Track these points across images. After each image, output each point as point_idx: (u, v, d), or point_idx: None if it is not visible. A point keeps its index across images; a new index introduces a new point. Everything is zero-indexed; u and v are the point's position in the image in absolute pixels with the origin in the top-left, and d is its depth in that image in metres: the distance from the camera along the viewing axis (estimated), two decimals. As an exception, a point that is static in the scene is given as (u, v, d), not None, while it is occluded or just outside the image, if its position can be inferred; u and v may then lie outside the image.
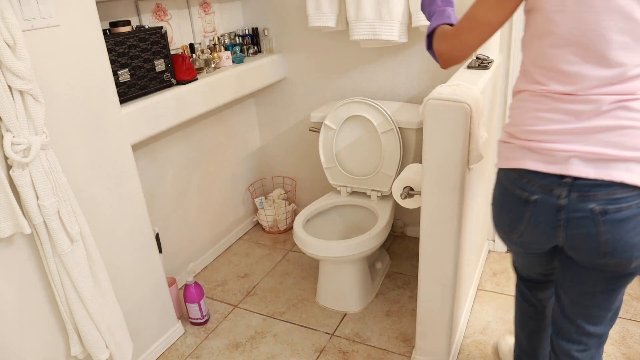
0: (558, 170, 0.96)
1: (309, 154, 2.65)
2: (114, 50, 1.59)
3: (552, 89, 0.97)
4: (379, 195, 2.14)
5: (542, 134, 0.99)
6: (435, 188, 1.40)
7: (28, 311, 1.35)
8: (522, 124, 1.03)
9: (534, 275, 1.32)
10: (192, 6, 2.15)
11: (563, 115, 0.96)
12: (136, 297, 1.73)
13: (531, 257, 1.23)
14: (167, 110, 1.79)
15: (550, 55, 0.97)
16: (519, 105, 1.05)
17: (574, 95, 0.95)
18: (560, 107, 0.96)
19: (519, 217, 1.05)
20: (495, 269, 2.25)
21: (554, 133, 0.97)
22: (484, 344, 1.82)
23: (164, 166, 2.08)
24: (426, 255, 1.51)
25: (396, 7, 1.92)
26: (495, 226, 1.16)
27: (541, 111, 0.99)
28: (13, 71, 1.12)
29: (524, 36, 1.07)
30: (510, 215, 1.08)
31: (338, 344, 1.88)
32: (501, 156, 1.10)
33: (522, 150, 1.02)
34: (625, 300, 1.98)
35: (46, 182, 1.24)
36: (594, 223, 0.95)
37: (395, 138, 2.01)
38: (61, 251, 1.30)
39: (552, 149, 0.97)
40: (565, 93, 0.96)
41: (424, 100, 1.34)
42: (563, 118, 0.96)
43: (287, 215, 2.68)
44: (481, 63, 1.73)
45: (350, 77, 2.35)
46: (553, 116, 0.97)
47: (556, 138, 0.97)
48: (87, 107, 1.44)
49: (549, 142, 0.98)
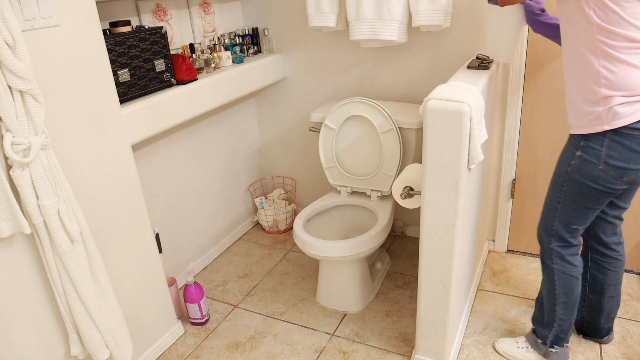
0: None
1: (309, 154, 2.65)
2: (114, 50, 1.59)
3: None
4: (379, 195, 2.14)
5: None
6: (435, 188, 1.40)
7: (28, 311, 1.35)
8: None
9: (583, 227, 1.48)
10: (192, 6, 2.15)
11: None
12: (136, 297, 1.73)
13: (608, 198, 1.39)
14: (167, 110, 1.79)
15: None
16: (621, 68, 1.20)
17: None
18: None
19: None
20: (495, 269, 2.25)
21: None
22: (484, 344, 1.82)
23: (164, 166, 2.08)
24: (426, 255, 1.51)
25: (396, 7, 1.92)
26: (620, 176, 1.30)
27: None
28: (13, 71, 1.12)
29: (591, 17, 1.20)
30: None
31: (338, 344, 1.88)
32: (623, 115, 1.22)
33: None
34: (625, 300, 1.98)
35: (46, 182, 1.24)
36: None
37: (395, 138, 2.01)
38: (61, 251, 1.30)
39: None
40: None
41: (424, 100, 1.34)
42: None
43: (287, 215, 2.68)
44: (481, 63, 1.73)
45: (350, 77, 2.35)
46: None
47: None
48: (87, 107, 1.44)
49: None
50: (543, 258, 1.58)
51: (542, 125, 2.06)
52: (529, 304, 2.01)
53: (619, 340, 1.78)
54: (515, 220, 2.29)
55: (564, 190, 1.42)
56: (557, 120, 2.02)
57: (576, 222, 1.46)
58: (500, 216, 2.29)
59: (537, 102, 2.03)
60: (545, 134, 2.06)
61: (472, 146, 1.33)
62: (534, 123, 2.07)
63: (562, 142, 2.04)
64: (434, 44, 2.10)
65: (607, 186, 1.33)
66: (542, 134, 2.07)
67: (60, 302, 1.38)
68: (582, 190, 1.38)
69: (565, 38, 1.31)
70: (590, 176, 1.33)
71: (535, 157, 2.13)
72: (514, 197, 2.24)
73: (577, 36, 1.26)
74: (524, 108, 2.06)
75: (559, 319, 1.59)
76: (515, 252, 2.36)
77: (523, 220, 2.27)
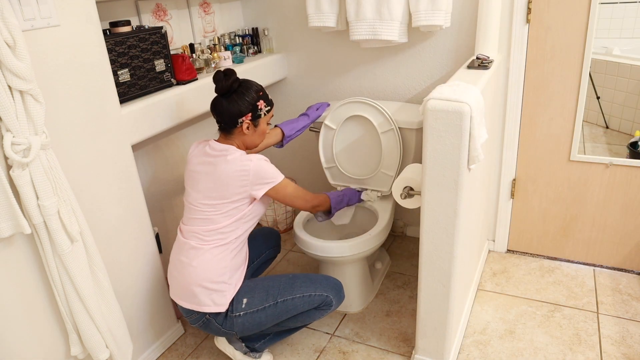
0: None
1: (309, 154, 2.65)
2: (114, 50, 1.59)
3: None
4: (379, 195, 2.14)
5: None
6: (435, 188, 1.40)
7: (28, 311, 1.35)
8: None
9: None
10: (192, 6, 2.15)
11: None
12: (136, 297, 1.73)
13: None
14: (167, 110, 1.79)
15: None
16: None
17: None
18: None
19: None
20: (495, 269, 2.25)
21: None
22: (484, 344, 1.82)
23: (164, 166, 2.08)
24: (426, 255, 1.51)
25: (396, 7, 1.92)
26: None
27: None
28: (13, 71, 1.12)
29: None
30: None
31: (338, 344, 1.88)
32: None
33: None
34: (625, 300, 1.98)
35: (46, 182, 1.24)
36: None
37: (395, 138, 2.01)
38: (61, 251, 1.30)
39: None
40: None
41: (424, 100, 1.34)
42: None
43: (287, 215, 2.68)
44: (481, 63, 1.73)
45: (350, 77, 2.35)
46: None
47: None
48: (87, 107, 1.44)
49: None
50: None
51: (542, 125, 2.06)
52: (529, 304, 2.01)
53: (619, 340, 1.78)
54: (515, 220, 2.29)
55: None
56: (557, 120, 2.02)
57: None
58: (500, 216, 2.29)
59: (537, 102, 2.03)
60: (545, 134, 2.06)
61: (472, 146, 1.33)
62: (534, 123, 2.07)
63: (562, 142, 2.05)
64: (434, 44, 2.10)
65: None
66: (542, 134, 2.07)
67: (60, 302, 1.38)
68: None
69: None
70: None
71: (535, 157, 2.13)
72: (514, 197, 2.24)
73: None
74: (524, 108, 2.06)
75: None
76: (515, 252, 2.36)
77: (523, 220, 2.27)
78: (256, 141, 1.64)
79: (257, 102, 1.56)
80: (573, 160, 2.06)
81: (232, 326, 1.58)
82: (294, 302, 1.59)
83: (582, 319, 1.91)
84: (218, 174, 1.52)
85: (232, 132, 1.58)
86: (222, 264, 1.56)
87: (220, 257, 1.56)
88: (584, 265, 2.23)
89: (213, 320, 1.58)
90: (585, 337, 1.81)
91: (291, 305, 1.59)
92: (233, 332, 1.61)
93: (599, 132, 2.04)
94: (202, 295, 1.55)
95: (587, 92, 1.94)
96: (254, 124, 1.58)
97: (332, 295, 1.63)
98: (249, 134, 1.60)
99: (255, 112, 1.57)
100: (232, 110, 1.54)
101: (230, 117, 1.54)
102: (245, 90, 1.55)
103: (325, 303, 1.63)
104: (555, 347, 1.78)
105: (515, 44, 1.95)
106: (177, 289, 1.61)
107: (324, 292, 1.62)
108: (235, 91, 1.55)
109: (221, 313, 1.58)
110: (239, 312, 1.57)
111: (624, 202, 2.04)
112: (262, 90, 1.61)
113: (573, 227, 2.19)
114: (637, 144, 1.98)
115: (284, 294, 1.59)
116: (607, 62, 1.96)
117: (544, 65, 1.96)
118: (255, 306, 1.58)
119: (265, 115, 1.61)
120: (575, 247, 2.22)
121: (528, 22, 1.91)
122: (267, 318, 1.59)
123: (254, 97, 1.56)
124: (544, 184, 2.15)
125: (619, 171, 2.00)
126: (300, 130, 2.03)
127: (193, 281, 1.55)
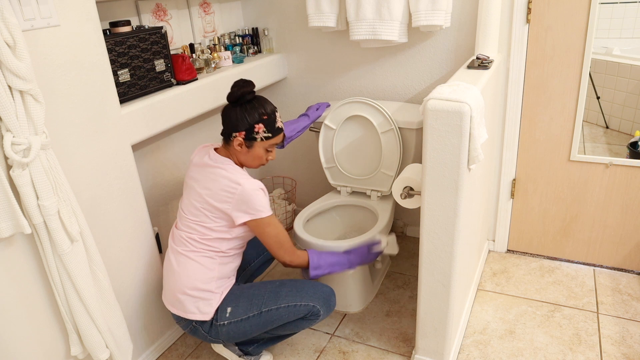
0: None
1: (309, 154, 2.65)
2: (114, 50, 1.59)
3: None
4: (379, 195, 2.14)
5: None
6: (435, 188, 1.40)
7: (28, 311, 1.35)
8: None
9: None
10: (192, 6, 2.15)
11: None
12: (136, 297, 1.73)
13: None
14: (167, 110, 1.79)
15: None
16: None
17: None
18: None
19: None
20: (495, 269, 2.25)
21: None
22: (484, 344, 1.82)
23: (164, 166, 2.08)
24: (426, 255, 1.51)
25: (396, 7, 1.92)
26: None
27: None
28: (13, 71, 1.12)
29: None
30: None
31: (338, 344, 1.88)
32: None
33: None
34: (625, 300, 1.98)
35: (46, 182, 1.24)
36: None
37: (395, 138, 2.01)
38: (61, 251, 1.30)
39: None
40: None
41: (424, 100, 1.34)
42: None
43: (287, 215, 2.68)
44: (481, 63, 1.73)
45: (350, 77, 2.35)
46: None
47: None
48: (87, 107, 1.44)
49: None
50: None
51: (542, 125, 2.06)
52: (529, 304, 2.01)
53: (619, 340, 1.78)
54: (515, 220, 2.29)
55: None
56: (557, 120, 2.02)
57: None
58: (500, 216, 2.29)
59: (537, 102, 2.03)
60: (545, 134, 2.07)
61: (472, 146, 1.33)
62: (534, 123, 2.07)
63: (562, 142, 2.05)
64: (433, 44, 2.10)
65: None
66: (542, 134, 2.07)
67: (60, 302, 1.38)
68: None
69: None
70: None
71: (535, 157, 2.13)
72: (514, 197, 2.24)
73: None
74: (524, 108, 2.06)
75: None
76: (515, 252, 2.36)
77: (523, 220, 2.27)
78: (249, 163, 1.58)
79: (255, 124, 1.50)
80: (573, 160, 2.06)
81: (218, 334, 1.57)
82: (278, 312, 1.55)
83: (582, 319, 1.91)
84: (210, 186, 1.50)
85: (228, 143, 1.55)
86: (209, 274, 1.54)
87: (208, 266, 1.54)
88: (584, 265, 2.23)
89: (200, 328, 1.58)
90: (585, 337, 1.81)
91: (276, 315, 1.55)
92: (220, 340, 1.60)
93: (599, 132, 2.04)
94: (188, 303, 1.54)
95: (587, 92, 1.94)
96: (246, 144, 1.52)
97: (319, 305, 1.57)
98: (242, 153, 1.55)
99: (250, 133, 1.50)
100: (230, 121, 1.51)
101: (227, 127, 1.52)
102: (251, 107, 1.50)
103: (312, 313, 1.58)
104: (555, 347, 1.78)
105: (515, 44, 1.95)
106: (167, 294, 1.61)
107: (310, 302, 1.56)
108: (243, 104, 1.51)
109: (207, 321, 1.57)
110: (223, 322, 1.56)
111: (624, 202, 2.04)
112: (271, 115, 1.53)
113: (573, 227, 2.19)
114: (637, 144, 1.98)
115: (269, 303, 1.56)
116: (607, 62, 1.96)
117: (544, 65, 1.96)
118: (239, 315, 1.55)
119: (262, 140, 1.53)
120: (575, 247, 2.22)
121: (528, 22, 1.91)
122: (251, 327, 1.56)
123: (254, 118, 1.50)
124: (544, 184, 2.16)
125: (619, 171, 2.00)
126: (300, 130, 2.02)
127: (178, 288, 1.54)
